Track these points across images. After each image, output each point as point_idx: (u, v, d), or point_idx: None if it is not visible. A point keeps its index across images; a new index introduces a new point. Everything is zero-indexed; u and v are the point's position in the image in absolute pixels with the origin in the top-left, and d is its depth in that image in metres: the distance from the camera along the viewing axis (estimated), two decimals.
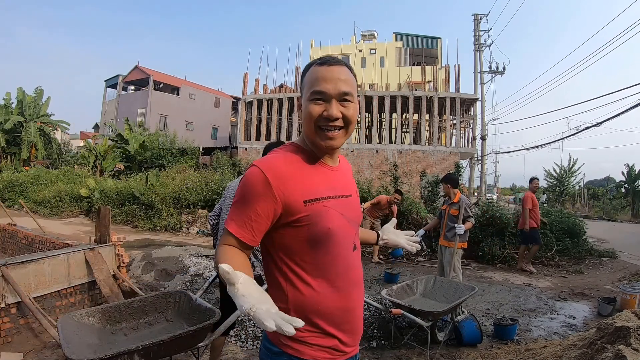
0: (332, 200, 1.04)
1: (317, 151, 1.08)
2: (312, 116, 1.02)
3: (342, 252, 1.07)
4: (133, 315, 2.29)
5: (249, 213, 0.98)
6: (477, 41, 18.93)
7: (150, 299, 2.43)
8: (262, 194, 0.97)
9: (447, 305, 3.22)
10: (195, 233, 9.74)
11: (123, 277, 4.41)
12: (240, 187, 1.01)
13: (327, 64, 1.03)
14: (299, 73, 21.32)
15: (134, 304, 2.34)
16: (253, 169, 1.00)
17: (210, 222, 2.86)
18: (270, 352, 1.05)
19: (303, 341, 1.03)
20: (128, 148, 19.17)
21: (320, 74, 1.02)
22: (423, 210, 8.28)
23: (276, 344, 1.04)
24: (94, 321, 2.19)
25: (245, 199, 0.99)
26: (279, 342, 1.04)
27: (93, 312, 2.24)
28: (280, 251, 1.04)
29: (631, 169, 20.74)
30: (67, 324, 2.03)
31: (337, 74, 1.02)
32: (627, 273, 6.45)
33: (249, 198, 0.98)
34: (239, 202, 1.00)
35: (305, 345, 1.03)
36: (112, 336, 2.14)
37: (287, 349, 1.02)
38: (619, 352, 2.03)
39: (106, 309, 2.29)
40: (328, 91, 1.01)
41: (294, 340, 1.02)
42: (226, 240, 1.00)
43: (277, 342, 1.04)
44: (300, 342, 1.02)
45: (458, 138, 19.10)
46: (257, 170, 0.99)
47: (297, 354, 1.02)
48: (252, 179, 0.99)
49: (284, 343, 1.03)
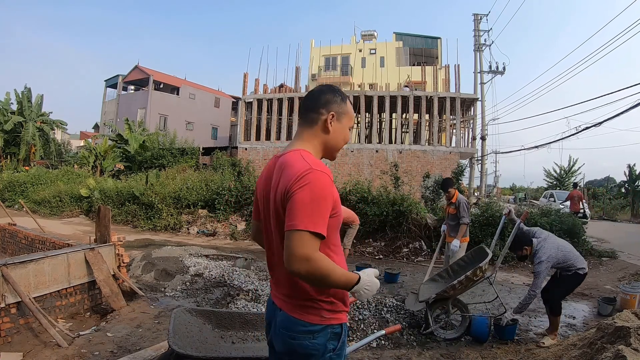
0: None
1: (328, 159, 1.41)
2: (347, 140, 1.39)
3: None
4: (243, 327, 2.31)
5: (326, 215, 1.17)
6: (477, 41, 18.92)
7: (262, 316, 2.41)
8: (330, 196, 1.19)
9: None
10: (195, 233, 9.74)
11: (123, 277, 4.42)
12: (313, 192, 1.14)
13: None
14: (299, 73, 21.32)
15: (247, 316, 2.37)
16: (319, 174, 1.17)
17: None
18: (312, 332, 1.23)
19: (340, 310, 1.29)
20: (128, 148, 19.16)
21: (352, 113, 1.41)
22: (423, 210, 8.28)
23: (318, 322, 1.24)
24: (205, 321, 2.24)
25: (321, 203, 1.15)
26: (322, 319, 1.24)
27: (206, 313, 2.29)
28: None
29: (632, 169, 20.72)
30: (179, 316, 2.10)
31: None
32: (627, 273, 6.45)
33: (323, 201, 1.16)
34: (316, 205, 1.14)
35: (341, 313, 1.29)
36: (219, 340, 2.18)
37: (330, 321, 1.26)
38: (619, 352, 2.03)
39: (219, 313, 2.33)
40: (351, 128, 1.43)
41: (335, 312, 1.27)
42: (318, 244, 1.14)
43: (320, 320, 1.24)
44: (339, 311, 1.28)
45: (458, 138, 19.07)
46: (324, 175, 1.18)
47: (338, 321, 1.27)
48: (325, 184, 1.17)
49: (327, 317, 1.25)
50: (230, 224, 9.83)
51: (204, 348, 2.02)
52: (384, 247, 7.93)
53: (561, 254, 3.43)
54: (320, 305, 1.25)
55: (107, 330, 3.48)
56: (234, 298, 4.42)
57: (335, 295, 1.26)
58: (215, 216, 10.10)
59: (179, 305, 4.08)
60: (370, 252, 7.81)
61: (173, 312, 2.13)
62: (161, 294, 4.66)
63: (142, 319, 3.79)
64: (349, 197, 8.42)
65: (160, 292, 4.74)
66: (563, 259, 3.44)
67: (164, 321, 3.73)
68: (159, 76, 29.35)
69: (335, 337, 1.27)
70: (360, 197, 8.36)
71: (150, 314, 3.93)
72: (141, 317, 3.84)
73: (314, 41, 29.15)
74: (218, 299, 4.44)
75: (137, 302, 4.24)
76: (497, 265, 3.95)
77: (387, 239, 8.04)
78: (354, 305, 4.00)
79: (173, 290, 4.78)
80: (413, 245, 7.80)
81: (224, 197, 10.24)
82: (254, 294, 4.49)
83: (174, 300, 4.46)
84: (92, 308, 4.07)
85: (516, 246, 3.57)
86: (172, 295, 4.64)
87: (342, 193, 8.63)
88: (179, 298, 4.57)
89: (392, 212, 7.92)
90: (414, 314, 4.02)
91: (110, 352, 3.04)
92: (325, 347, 1.24)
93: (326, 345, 1.24)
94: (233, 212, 10.22)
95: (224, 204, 10.18)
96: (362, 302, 4.10)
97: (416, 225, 7.90)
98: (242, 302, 4.27)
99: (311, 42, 29.19)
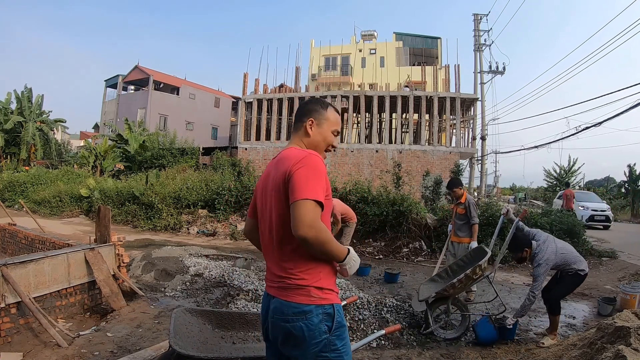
0: None
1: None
2: (330, 143, 1.58)
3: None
4: (244, 327, 2.33)
5: (323, 188, 1.32)
6: (477, 41, 18.92)
7: None
8: (325, 175, 1.37)
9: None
10: (195, 233, 9.74)
11: (123, 277, 4.42)
12: (313, 168, 1.32)
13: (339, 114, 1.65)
14: (299, 73, 21.33)
15: (247, 316, 2.38)
16: (315, 156, 1.37)
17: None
18: (304, 313, 1.30)
19: (329, 289, 1.37)
20: (128, 148, 19.16)
21: (338, 120, 1.62)
22: (423, 210, 8.27)
23: (308, 302, 1.31)
24: (205, 321, 2.24)
25: (319, 177, 1.32)
26: (312, 299, 1.32)
27: (206, 313, 2.30)
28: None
29: (632, 169, 20.72)
30: (180, 316, 2.11)
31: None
32: (627, 273, 6.44)
33: (322, 176, 1.34)
34: (314, 179, 1.31)
35: (331, 292, 1.38)
36: (220, 340, 2.19)
37: (320, 301, 1.33)
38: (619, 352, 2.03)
39: (219, 314, 2.34)
40: (339, 132, 1.62)
41: (325, 291, 1.35)
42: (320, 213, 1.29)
43: (310, 300, 1.32)
44: (329, 290, 1.37)
45: (458, 138, 19.07)
46: (319, 159, 1.38)
47: (328, 302, 1.34)
48: (321, 162, 1.37)
49: (317, 297, 1.32)
50: (230, 224, 9.83)
51: (205, 348, 2.02)
52: (384, 247, 7.93)
53: (560, 257, 3.44)
54: (310, 284, 1.33)
55: (107, 330, 3.48)
56: (234, 298, 4.42)
57: (323, 279, 1.37)
58: (215, 216, 10.10)
59: (179, 305, 4.08)
60: (370, 252, 7.81)
61: (173, 312, 2.13)
62: (161, 294, 4.65)
63: (142, 319, 3.79)
64: (349, 197, 8.42)
65: (160, 292, 4.74)
66: (562, 262, 3.44)
67: (164, 321, 3.72)
68: (159, 76, 29.34)
69: (328, 318, 1.33)
70: (360, 197, 8.36)
71: (150, 314, 3.93)
72: (141, 317, 3.84)
73: (314, 41, 29.15)
74: (218, 299, 4.44)
75: (137, 302, 4.24)
76: (496, 265, 3.96)
77: (387, 239, 8.04)
78: (354, 305, 4.00)
79: (173, 290, 4.78)
80: (413, 245, 7.79)
81: (224, 197, 10.23)
82: (254, 294, 4.49)
83: (174, 300, 4.46)
84: (92, 308, 4.07)
85: (516, 248, 3.56)
86: (172, 295, 4.64)
87: (342, 193, 8.63)
88: (179, 298, 4.57)
89: (392, 212, 7.92)
90: (414, 313, 4.02)
91: (110, 352, 3.04)
92: (319, 328, 1.30)
93: (320, 326, 1.30)
94: (233, 212, 10.22)
95: (224, 204, 10.18)
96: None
97: (416, 225, 7.90)
98: (242, 302, 4.27)
99: (311, 42, 29.19)
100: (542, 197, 22.56)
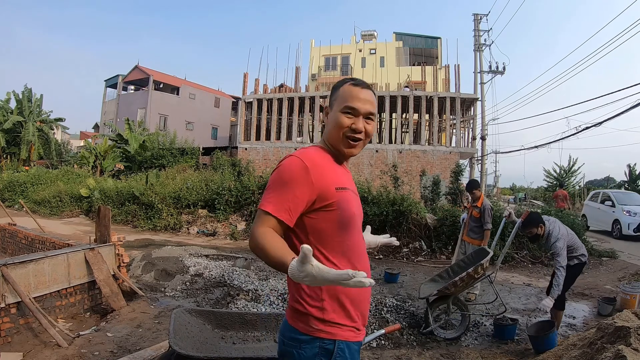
0: (351, 192, 1.20)
1: (339, 155, 1.23)
2: (342, 126, 1.18)
3: (359, 239, 1.22)
4: (243, 327, 2.32)
5: (288, 196, 1.07)
6: (477, 41, 18.90)
7: (263, 316, 2.44)
8: (301, 180, 1.08)
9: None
10: (195, 233, 9.74)
11: (123, 277, 4.42)
12: (278, 173, 1.11)
13: (360, 86, 1.20)
14: (299, 73, 21.30)
15: (247, 316, 2.38)
16: (292, 158, 1.12)
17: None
18: (299, 341, 1.11)
19: (335, 322, 1.12)
20: (128, 148, 19.15)
21: (354, 93, 1.19)
22: (423, 210, 8.27)
23: (305, 332, 1.11)
24: (205, 321, 2.24)
25: (285, 183, 1.08)
26: (309, 329, 1.11)
27: (206, 313, 2.30)
28: (312, 235, 1.13)
29: (632, 169, 20.73)
30: (180, 317, 2.10)
31: (367, 95, 1.20)
32: (627, 273, 6.45)
33: (288, 183, 1.08)
34: (276, 186, 1.09)
35: (337, 326, 1.12)
36: (220, 341, 2.19)
37: (319, 333, 1.10)
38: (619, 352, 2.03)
39: (218, 313, 2.34)
40: (359, 108, 1.18)
41: (327, 324, 1.11)
42: (265, 221, 1.06)
43: (307, 329, 1.11)
44: (333, 324, 1.11)
45: (458, 138, 19.07)
46: (296, 159, 1.11)
47: (330, 336, 1.11)
48: (292, 167, 1.10)
49: (316, 329, 1.11)
50: (230, 224, 9.83)
51: (205, 348, 2.02)
52: (384, 246, 7.93)
53: (570, 236, 3.57)
54: (308, 311, 1.11)
55: (107, 330, 3.48)
56: (234, 298, 4.42)
57: (328, 308, 1.10)
58: (215, 216, 10.10)
59: (179, 305, 4.08)
60: (369, 252, 7.78)
61: (173, 312, 2.13)
62: (161, 294, 4.65)
63: (142, 319, 3.79)
64: None
65: (160, 292, 4.74)
66: (571, 242, 3.55)
67: (164, 321, 3.72)
68: (159, 76, 29.33)
69: (326, 354, 1.10)
70: (360, 197, 8.35)
71: (150, 314, 3.93)
72: (141, 317, 3.84)
73: (314, 41, 29.14)
74: (218, 299, 4.44)
75: (137, 302, 4.24)
76: (498, 265, 3.96)
77: None
78: None
79: (173, 290, 4.78)
80: (413, 245, 7.80)
81: (224, 197, 10.23)
82: (254, 294, 4.49)
83: (174, 300, 4.46)
84: (92, 308, 4.07)
85: (531, 224, 3.51)
86: (172, 295, 4.64)
87: None
88: (179, 298, 4.57)
89: (392, 212, 7.92)
90: (414, 313, 4.02)
91: (110, 352, 3.04)
92: None
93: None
94: (233, 212, 10.22)
95: (224, 204, 10.18)
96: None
97: (416, 225, 7.90)
98: (242, 302, 4.27)
99: (311, 42, 29.18)
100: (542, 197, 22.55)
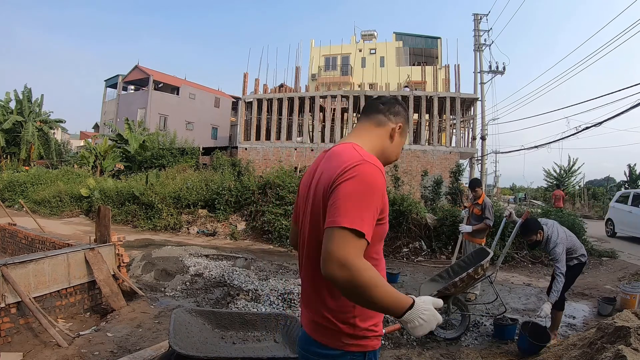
0: None
1: (383, 165, 1.17)
2: (398, 157, 1.31)
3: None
4: (243, 327, 2.33)
5: (374, 213, 1.00)
6: (477, 41, 18.90)
7: (263, 316, 2.46)
8: (380, 193, 1.02)
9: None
10: (195, 233, 9.74)
11: (123, 277, 4.42)
12: (365, 184, 0.99)
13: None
14: (299, 73, 21.30)
15: (247, 316, 2.38)
16: (374, 168, 1.03)
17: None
18: (328, 356, 1.08)
19: (366, 336, 1.08)
20: (128, 148, 19.15)
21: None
22: (423, 210, 8.27)
23: (335, 347, 1.07)
24: (205, 321, 2.24)
25: (371, 198, 0.99)
26: (340, 344, 1.07)
27: (206, 313, 2.31)
28: None
29: (632, 169, 20.74)
30: (180, 317, 2.11)
31: None
32: (627, 273, 6.45)
33: (374, 196, 1.00)
34: (363, 201, 0.98)
35: (368, 338, 1.09)
36: (220, 341, 2.19)
37: (350, 347, 1.07)
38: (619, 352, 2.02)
39: (218, 313, 2.35)
40: None
41: (359, 337, 1.07)
42: (362, 248, 0.95)
43: (337, 344, 1.07)
44: (364, 337, 1.08)
45: (458, 138, 19.08)
46: (378, 171, 1.03)
47: (361, 349, 1.08)
48: (377, 179, 1.02)
49: (347, 343, 1.07)
50: (230, 224, 9.83)
51: (205, 348, 2.02)
52: (384, 246, 7.92)
53: (569, 238, 3.58)
54: (339, 328, 1.07)
55: (107, 330, 3.48)
56: (234, 298, 4.42)
57: (360, 316, 1.07)
58: (215, 216, 10.10)
59: (179, 305, 4.09)
60: None
61: (173, 312, 2.13)
62: (161, 294, 4.65)
63: (142, 319, 3.79)
64: None
65: (160, 292, 4.74)
66: (570, 245, 3.55)
67: (164, 321, 3.72)
68: (159, 76, 29.33)
69: None
70: None
71: (150, 314, 3.93)
72: (141, 317, 3.84)
73: (314, 41, 29.14)
74: (218, 299, 4.44)
75: (137, 302, 4.23)
76: (498, 265, 3.97)
77: (387, 239, 8.04)
78: None
79: (173, 290, 4.78)
80: (413, 245, 7.80)
81: (224, 197, 10.23)
82: (254, 294, 4.49)
83: (174, 300, 4.46)
84: (92, 308, 4.07)
85: (529, 231, 3.51)
86: (172, 295, 4.64)
87: None
88: (179, 298, 4.57)
89: (392, 212, 7.92)
90: None
91: (110, 352, 3.04)
92: None
93: None
94: (233, 212, 10.22)
95: (224, 204, 10.18)
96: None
97: (416, 225, 7.90)
98: (242, 302, 4.28)
99: (311, 42, 29.19)
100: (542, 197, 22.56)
